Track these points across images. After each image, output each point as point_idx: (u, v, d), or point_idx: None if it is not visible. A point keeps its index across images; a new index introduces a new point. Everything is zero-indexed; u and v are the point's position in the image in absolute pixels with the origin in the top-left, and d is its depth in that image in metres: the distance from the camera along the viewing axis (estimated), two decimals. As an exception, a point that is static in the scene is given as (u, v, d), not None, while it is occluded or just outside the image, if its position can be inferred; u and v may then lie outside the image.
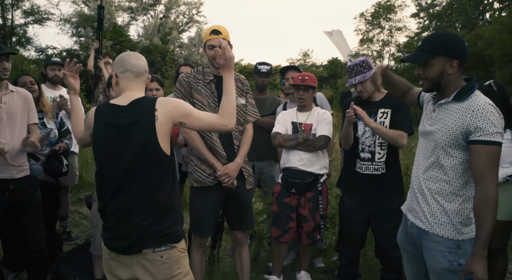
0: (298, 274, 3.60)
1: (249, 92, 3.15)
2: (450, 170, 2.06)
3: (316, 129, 3.49)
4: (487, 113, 1.92)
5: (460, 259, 2.03)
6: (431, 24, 37.18)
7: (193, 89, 2.96)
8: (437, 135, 2.08)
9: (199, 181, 2.97)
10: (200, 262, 3.11)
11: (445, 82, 2.06)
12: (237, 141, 3.02)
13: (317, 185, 3.47)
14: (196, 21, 30.72)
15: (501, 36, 21.22)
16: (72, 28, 29.33)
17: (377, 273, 3.71)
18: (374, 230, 3.37)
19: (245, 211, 3.09)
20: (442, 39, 2.04)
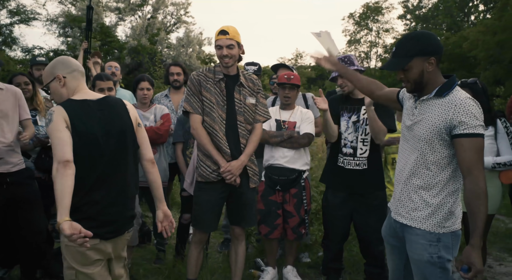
0: (285, 269, 3.70)
1: (260, 92, 3.20)
2: (433, 165, 2.10)
3: (300, 127, 3.59)
4: (469, 107, 1.97)
5: (440, 251, 2.09)
6: (417, 26, 37.62)
7: (203, 87, 3.04)
8: (420, 131, 2.12)
9: (203, 176, 3.05)
10: (197, 258, 3.18)
11: (426, 80, 2.10)
12: (244, 139, 3.08)
13: (300, 181, 3.56)
14: (184, 21, 30.64)
15: (485, 38, 21.56)
16: (59, 28, 29.05)
17: (361, 267, 3.81)
18: (357, 225, 3.46)
19: (246, 209, 3.14)
20: (414, 40, 2.10)
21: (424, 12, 37.15)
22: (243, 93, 3.11)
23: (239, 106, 3.07)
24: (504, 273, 4.00)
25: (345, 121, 3.40)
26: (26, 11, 29.75)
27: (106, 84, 3.37)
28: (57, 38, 30.07)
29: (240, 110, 3.07)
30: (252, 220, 3.25)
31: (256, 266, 3.96)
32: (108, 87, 3.37)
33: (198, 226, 3.12)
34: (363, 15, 42.78)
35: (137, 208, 3.53)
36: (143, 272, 3.80)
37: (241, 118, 3.07)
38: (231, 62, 3.02)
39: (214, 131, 3.01)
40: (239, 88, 3.10)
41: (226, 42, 2.96)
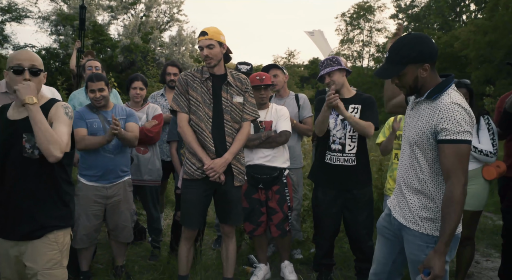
0: (282, 264, 3.78)
1: (248, 91, 3.26)
2: (427, 169, 2.10)
3: (276, 126, 3.64)
4: (452, 113, 1.94)
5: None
6: (409, 25, 37.85)
7: (190, 86, 3.11)
8: (411, 134, 2.15)
9: (188, 173, 3.11)
10: (187, 254, 3.24)
11: (421, 84, 2.10)
12: (230, 138, 3.13)
13: (281, 178, 3.63)
14: (177, 20, 30.58)
15: (476, 37, 21.81)
16: (51, 27, 28.89)
17: (352, 263, 3.89)
18: (347, 222, 3.55)
19: (231, 207, 3.21)
20: (408, 47, 2.04)
21: (416, 11, 37.36)
22: (230, 92, 3.17)
23: (226, 105, 3.14)
24: (491, 268, 4.10)
25: (333, 119, 3.48)
26: (18, 8, 29.53)
27: (96, 85, 3.39)
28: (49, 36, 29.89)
29: (227, 109, 3.14)
30: (238, 218, 3.31)
31: (249, 263, 4.03)
32: (98, 88, 3.40)
33: (185, 223, 3.19)
34: (354, 15, 42.96)
35: (131, 205, 3.59)
36: (138, 268, 3.86)
37: (228, 117, 3.14)
38: (213, 62, 3.08)
39: (200, 129, 3.08)
40: (227, 87, 3.17)
41: (206, 43, 3.03)
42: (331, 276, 3.70)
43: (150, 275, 3.71)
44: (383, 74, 2.15)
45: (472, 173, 3.27)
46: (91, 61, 4.74)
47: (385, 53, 2.19)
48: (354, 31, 43.92)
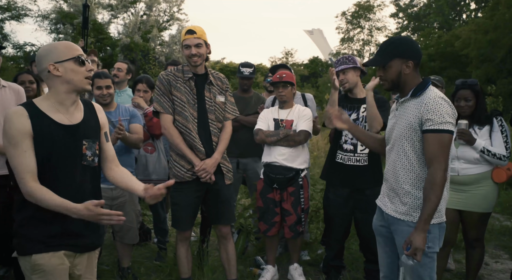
0: (291, 266, 3.73)
1: (228, 90, 3.27)
2: (415, 160, 2.24)
3: (296, 125, 3.62)
4: (436, 106, 2.14)
5: (430, 242, 2.18)
6: (409, 24, 37.85)
7: (172, 86, 3.08)
8: (400, 129, 2.29)
9: (178, 176, 3.07)
10: (186, 255, 3.23)
11: (403, 81, 2.29)
12: (215, 137, 3.13)
13: (298, 179, 3.60)
14: (177, 19, 30.58)
15: (477, 36, 21.76)
16: (50, 25, 28.85)
17: (361, 265, 3.86)
18: (358, 223, 3.52)
19: (224, 205, 3.20)
20: (396, 43, 2.32)
21: (416, 10, 37.35)
22: (213, 92, 3.15)
23: (210, 105, 3.11)
24: (500, 270, 4.06)
25: None
26: (17, 7, 29.47)
27: (104, 82, 3.37)
28: (49, 34, 29.82)
29: (211, 108, 3.11)
30: (232, 217, 3.30)
31: (256, 264, 3.99)
32: (106, 85, 3.38)
33: (177, 225, 3.19)
34: (355, 14, 42.95)
35: (136, 206, 3.55)
36: (144, 270, 3.81)
37: (212, 116, 3.12)
38: (199, 61, 3.05)
39: (188, 130, 3.04)
40: (209, 87, 3.14)
41: (194, 41, 3.00)
42: (340, 278, 3.66)
43: (156, 277, 3.67)
44: (372, 63, 2.44)
45: (482, 175, 3.24)
46: (119, 63, 4.73)
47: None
48: (354, 30, 43.92)
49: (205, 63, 3.18)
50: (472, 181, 3.22)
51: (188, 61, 3.08)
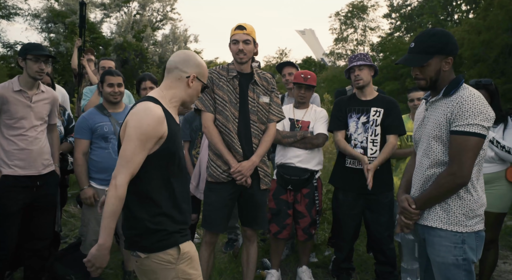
0: (300, 269, 3.66)
1: (274, 91, 3.14)
2: (446, 164, 2.09)
3: (313, 127, 3.55)
4: (468, 105, 1.98)
5: (465, 254, 2.06)
6: (402, 25, 37.99)
7: (215, 85, 2.99)
8: (430, 130, 2.14)
9: (213, 176, 2.98)
10: (208, 260, 3.10)
11: (441, 79, 2.13)
12: (256, 139, 3.01)
13: (312, 181, 3.53)
14: (170, 18, 30.38)
15: (470, 37, 21.90)
16: (41, 24, 28.50)
17: (369, 267, 3.81)
18: (368, 224, 3.46)
19: (257, 211, 3.08)
20: (435, 37, 2.09)
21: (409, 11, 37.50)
22: (257, 92, 3.05)
23: (253, 105, 3.02)
24: (510, 271, 4.03)
25: (354, 122, 3.40)
26: (7, 6, 29.09)
27: (116, 79, 3.30)
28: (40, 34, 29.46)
29: (253, 109, 3.01)
30: (264, 222, 3.19)
31: (264, 266, 3.92)
32: (118, 83, 3.31)
33: (208, 226, 3.06)
34: (348, 14, 43.02)
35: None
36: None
37: (255, 117, 3.02)
38: (245, 59, 2.97)
39: (227, 130, 2.95)
40: (253, 87, 3.04)
41: (243, 37, 2.92)
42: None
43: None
44: (410, 63, 2.14)
45: (496, 175, 3.22)
46: (106, 61, 4.61)
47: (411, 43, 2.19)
48: (348, 30, 43.99)
49: (251, 63, 3.09)
50: (487, 180, 3.15)
51: (234, 57, 2.99)
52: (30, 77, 3.01)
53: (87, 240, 3.27)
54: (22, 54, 2.99)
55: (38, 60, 2.98)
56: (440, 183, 2.07)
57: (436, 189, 2.08)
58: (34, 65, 2.97)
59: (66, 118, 3.76)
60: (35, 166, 3.03)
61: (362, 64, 3.36)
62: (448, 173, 2.04)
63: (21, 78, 3.03)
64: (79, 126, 3.26)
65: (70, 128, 3.74)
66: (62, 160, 3.53)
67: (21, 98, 2.99)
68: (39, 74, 3.01)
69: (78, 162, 3.23)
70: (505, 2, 20.08)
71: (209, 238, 3.09)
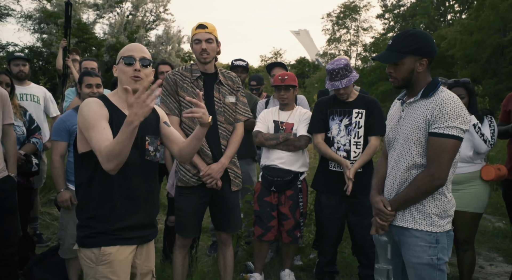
0: (282, 272, 3.62)
1: (240, 90, 3.09)
2: (423, 166, 2.10)
3: (297, 129, 3.51)
4: (447, 108, 1.99)
5: (439, 253, 2.09)
6: (396, 25, 38.12)
7: (179, 87, 2.92)
8: (408, 132, 2.13)
9: (183, 180, 2.92)
10: (183, 263, 3.06)
11: (415, 80, 2.13)
12: (224, 140, 2.96)
13: (296, 183, 3.48)
14: (163, 19, 30.33)
15: (463, 37, 22.02)
16: (34, 25, 28.35)
17: (354, 270, 3.77)
18: (351, 227, 3.42)
19: (230, 213, 3.03)
20: (411, 38, 2.09)
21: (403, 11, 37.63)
22: (222, 92, 2.99)
23: (219, 106, 2.96)
24: (496, 273, 4.00)
25: (336, 124, 3.36)
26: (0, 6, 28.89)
27: (94, 80, 3.24)
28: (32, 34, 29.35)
29: (220, 110, 2.95)
30: (237, 225, 3.14)
31: (247, 270, 3.87)
32: (96, 83, 3.25)
33: (180, 232, 3.01)
34: (340, 15, 43.12)
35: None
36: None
37: (221, 118, 2.96)
38: (209, 58, 2.90)
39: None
40: (218, 87, 2.98)
41: (205, 36, 2.86)
42: (334, 283, 3.55)
43: (143, 285, 3.52)
44: (383, 59, 2.16)
45: (472, 175, 3.22)
46: (88, 62, 4.53)
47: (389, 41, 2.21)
48: (340, 31, 44.08)
49: (214, 62, 3.02)
50: (463, 179, 3.17)
51: (198, 57, 2.92)
52: None
53: (65, 244, 3.20)
54: None
55: None
56: (418, 185, 2.07)
57: (414, 190, 2.08)
58: None
59: (28, 119, 3.67)
60: None
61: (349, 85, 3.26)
62: (426, 175, 2.04)
63: None
64: (56, 128, 3.19)
65: (32, 129, 3.65)
66: (26, 161, 3.43)
67: None
68: None
69: (55, 164, 3.16)
70: (496, 3, 20.18)
71: (183, 242, 3.05)
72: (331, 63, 3.31)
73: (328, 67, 3.30)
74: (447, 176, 2.04)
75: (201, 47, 2.85)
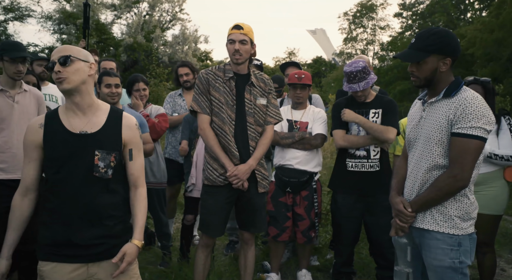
0: (299, 272, 3.61)
1: (271, 93, 3.08)
2: (445, 167, 2.07)
3: (312, 128, 3.49)
4: (471, 108, 1.97)
5: (461, 256, 2.05)
6: (414, 24, 37.60)
7: (211, 86, 2.93)
8: (428, 132, 2.11)
9: (210, 179, 2.94)
10: (204, 262, 3.06)
11: (437, 79, 2.10)
12: (253, 142, 2.95)
13: (311, 183, 3.46)
14: (180, 19, 30.50)
15: (483, 35, 21.59)
16: (53, 25, 28.82)
17: (372, 271, 3.73)
18: (368, 226, 3.39)
19: (255, 214, 3.02)
20: (435, 37, 2.06)
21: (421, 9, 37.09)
22: (254, 94, 2.98)
23: (249, 107, 2.95)
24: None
25: (355, 125, 3.34)
26: (21, 7, 29.47)
27: (113, 80, 3.28)
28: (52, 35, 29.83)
29: (250, 111, 2.95)
30: (262, 225, 3.13)
31: (264, 270, 3.87)
32: (115, 83, 3.29)
33: (204, 230, 3.02)
34: (357, 13, 42.73)
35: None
36: (149, 276, 3.68)
37: (251, 119, 2.95)
38: (242, 59, 2.90)
39: (223, 132, 2.90)
40: (250, 88, 2.98)
41: (240, 37, 2.86)
42: (351, 284, 3.53)
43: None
44: (406, 58, 2.13)
45: (491, 174, 3.15)
46: (107, 62, 4.59)
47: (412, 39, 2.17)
48: (357, 30, 43.69)
49: (248, 63, 3.02)
50: (481, 180, 3.09)
51: (231, 58, 2.93)
52: (9, 77, 2.94)
53: None
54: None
55: (14, 62, 2.90)
56: (440, 186, 2.04)
57: (435, 191, 2.05)
58: (11, 67, 2.91)
59: None
60: (20, 169, 2.91)
61: (366, 87, 3.23)
62: (449, 176, 2.01)
63: (1, 78, 2.97)
64: None
65: None
66: None
67: (3, 97, 2.91)
68: (17, 75, 2.94)
69: None
70: (518, 0, 19.74)
71: (206, 241, 3.05)
72: (348, 65, 3.27)
73: (346, 69, 3.27)
74: (470, 177, 2.01)
75: (234, 47, 2.85)
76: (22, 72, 2.95)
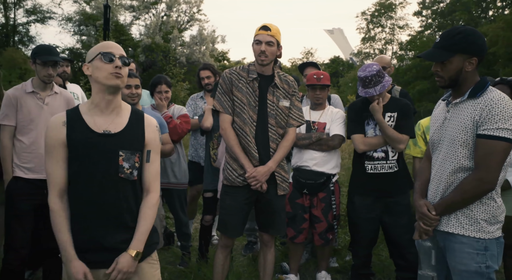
0: (319, 274, 3.59)
1: (295, 95, 3.06)
2: (470, 169, 2.02)
3: (329, 129, 3.47)
4: (497, 109, 1.92)
5: (488, 261, 2.01)
6: (434, 22, 37.08)
7: (234, 86, 2.92)
8: (452, 133, 2.06)
9: (229, 179, 2.94)
10: (223, 263, 3.06)
11: (462, 79, 2.04)
12: (274, 143, 2.93)
13: (329, 185, 3.44)
14: (197, 19, 30.70)
15: (505, 34, 21.20)
16: (74, 27, 29.33)
17: (391, 274, 3.69)
18: (387, 227, 3.34)
19: (274, 216, 3.01)
20: (461, 35, 2.00)
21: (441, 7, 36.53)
22: (277, 95, 2.96)
23: (272, 109, 2.94)
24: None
25: (372, 129, 3.31)
26: (42, 10, 30.09)
27: (133, 81, 3.30)
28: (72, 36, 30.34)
29: (272, 112, 2.93)
30: (281, 227, 3.11)
31: (283, 271, 3.86)
32: (135, 84, 3.32)
33: (223, 230, 3.02)
34: (375, 13, 42.32)
35: (160, 210, 3.45)
36: (168, 276, 3.71)
37: (273, 121, 2.94)
38: (267, 61, 2.87)
39: (244, 133, 2.89)
40: (273, 90, 2.96)
41: (266, 38, 2.83)
42: (371, 287, 3.49)
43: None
44: (430, 57, 2.09)
45: None
46: None
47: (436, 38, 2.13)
48: (375, 29, 43.30)
49: (273, 65, 2.99)
50: None
51: (256, 58, 2.91)
52: (40, 80, 3.03)
53: None
54: (32, 58, 3.01)
55: (46, 65, 2.97)
56: (465, 189, 2.00)
57: (461, 194, 2.01)
58: (42, 70, 2.98)
59: None
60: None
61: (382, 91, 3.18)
62: (474, 178, 1.97)
63: (34, 80, 3.05)
64: None
65: None
66: None
67: (33, 99, 2.99)
68: (48, 79, 3.01)
69: None
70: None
71: (225, 242, 3.05)
72: (362, 69, 3.23)
73: (360, 74, 3.23)
74: (497, 180, 1.96)
75: (260, 48, 2.83)
76: (52, 76, 3.03)
